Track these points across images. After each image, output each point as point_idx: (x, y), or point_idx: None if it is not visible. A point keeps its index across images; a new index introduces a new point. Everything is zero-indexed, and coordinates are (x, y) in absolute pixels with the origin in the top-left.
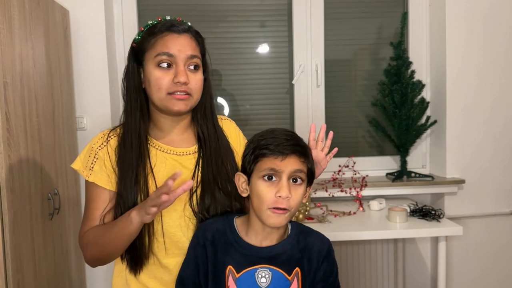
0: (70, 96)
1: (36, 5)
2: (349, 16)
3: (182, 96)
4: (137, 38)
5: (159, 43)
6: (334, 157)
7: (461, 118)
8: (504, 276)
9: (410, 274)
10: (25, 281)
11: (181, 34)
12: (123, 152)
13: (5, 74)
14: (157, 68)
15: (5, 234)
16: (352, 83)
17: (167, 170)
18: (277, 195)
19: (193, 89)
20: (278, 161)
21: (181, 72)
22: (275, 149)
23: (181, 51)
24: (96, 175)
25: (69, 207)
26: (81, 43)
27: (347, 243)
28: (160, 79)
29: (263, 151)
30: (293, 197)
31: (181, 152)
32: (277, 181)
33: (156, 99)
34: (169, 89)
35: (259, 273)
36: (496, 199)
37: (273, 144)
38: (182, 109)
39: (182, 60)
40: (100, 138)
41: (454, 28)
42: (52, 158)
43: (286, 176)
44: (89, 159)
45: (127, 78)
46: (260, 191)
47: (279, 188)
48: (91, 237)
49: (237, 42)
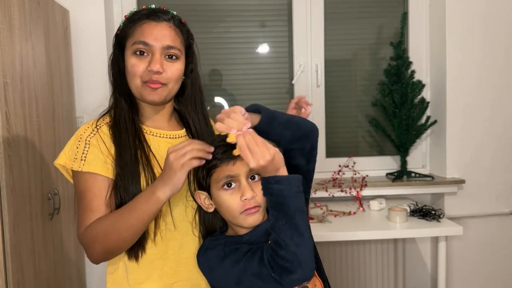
0: (70, 96)
1: (36, 5)
2: (349, 16)
3: (156, 85)
4: (121, 25)
5: (137, 30)
6: (334, 157)
7: (461, 118)
8: (504, 276)
9: (410, 274)
10: (25, 281)
11: (159, 22)
12: (118, 134)
13: (5, 74)
14: (133, 56)
15: (5, 234)
16: (352, 83)
17: (163, 152)
18: (243, 198)
19: (169, 78)
20: (230, 166)
21: (155, 61)
22: (224, 156)
23: (157, 40)
24: (91, 163)
25: (69, 207)
26: (81, 43)
27: (347, 243)
28: (134, 66)
29: (213, 162)
30: (258, 194)
31: (173, 135)
32: (237, 185)
33: (132, 87)
34: (143, 77)
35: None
36: (496, 199)
37: (219, 153)
38: (155, 99)
39: (158, 50)
40: (88, 127)
41: (454, 28)
42: (52, 158)
43: (244, 178)
44: (78, 150)
45: (112, 65)
46: (225, 200)
47: (242, 192)
48: (100, 230)
49: (237, 42)
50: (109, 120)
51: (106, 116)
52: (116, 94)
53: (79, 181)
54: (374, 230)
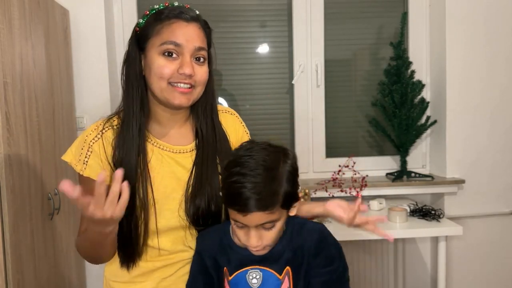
0: (70, 96)
1: (36, 5)
2: (349, 16)
3: (185, 90)
4: (141, 23)
5: (166, 30)
6: (334, 157)
7: (461, 118)
8: (504, 276)
9: (410, 274)
10: (25, 281)
11: (190, 22)
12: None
13: (5, 74)
14: (161, 56)
15: (5, 234)
16: (352, 83)
17: (163, 168)
18: (248, 244)
19: (198, 82)
20: (240, 216)
21: (187, 63)
22: (238, 208)
23: (189, 41)
24: (91, 169)
25: (69, 207)
26: (81, 43)
27: (347, 243)
28: (163, 67)
29: (229, 206)
30: (265, 239)
31: (178, 150)
32: (246, 228)
33: (156, 89)
34: (172, 79)
35: (250, 274)
36: (496, 199)
37: (237, 202)
38: (183, 103)
39: (189, 51)
40: (94, 129)
41: (454, 28)
42: (52, 158)
43: (253, 228)
44: (82, 152)
45: (128, 64)
46: (234, 229)
47: (248, 236)
48: (78, 243)
49: (237, 42)
50: (117, 122)
51: (115, 118)
52: (127, 97)
53: (80, 182)
54: None
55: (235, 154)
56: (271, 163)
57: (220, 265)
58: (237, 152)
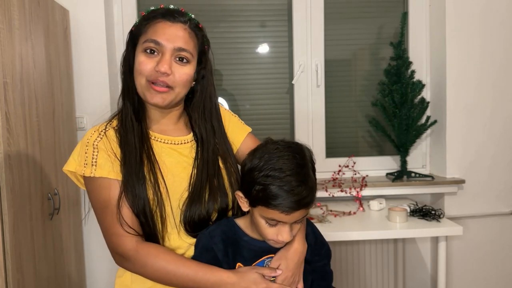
0: (70, 96)
1: (36, 5)
2: (349, 16)
3: (161, 89)
4: (136, 23)
5: (150, 29)
6: (334, 157)
7: (461, 118)
8: (504, 276)
9: (410, 274)
10: (25, 281)
11: (174, 23)
12: (124, 136)
13: (5, 74)
14: (143, 53)
15: (5, 234)
16: (352, 83)
17: (168, 159)
18: (278, 237)
19: (176, 82)
20: (283, 215)
21: (164, 61)
22: (284, 208)
23: (169, 41)
24: (102, 168)
25: (69, 207)
26: (81, 43)
27: (347, 243)
28: (142, 63)
29: (271, 206)
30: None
31: (178, 141)
32: (279, 225)
33: (137, 85)
34: (149, 76)
35: (266, 263)
36: (496, 199)
37: (283, 202)
38: (159, 103)
39: (169, 51)
40: (94, 132)
41: (454, 28)
42: (52, 158)
43: (288, 224)
44: (87, 155)
45: (123, 62)
46: (261, 226)
47: (279, 232)
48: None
49: (237, 42)
50: (116, 124)
51: (113, 120)
52: (123, 95)
53: (94, 187)
54: (374, 230)
55: (262, 157)
56: (301, 160)
57: (231, 260)
58: (264, 154)
